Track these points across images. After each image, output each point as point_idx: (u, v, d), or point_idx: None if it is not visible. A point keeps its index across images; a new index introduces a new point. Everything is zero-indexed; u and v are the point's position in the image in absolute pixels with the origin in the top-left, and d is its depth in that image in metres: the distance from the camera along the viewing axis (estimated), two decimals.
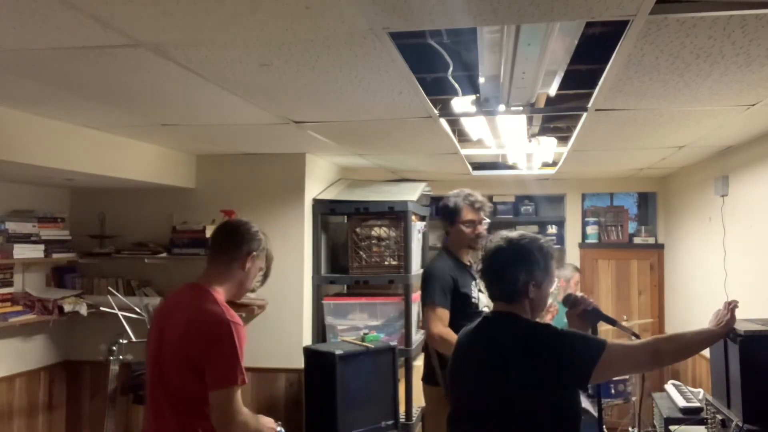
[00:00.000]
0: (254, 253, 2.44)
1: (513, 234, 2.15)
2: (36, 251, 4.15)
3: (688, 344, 2.18)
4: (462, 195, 3.34)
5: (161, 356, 2.32)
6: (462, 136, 4.01)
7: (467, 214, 3.31)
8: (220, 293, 2.36)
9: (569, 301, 2.31)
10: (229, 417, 2.18)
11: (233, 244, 2.43)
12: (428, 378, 3.32)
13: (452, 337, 3.01)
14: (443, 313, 3.11)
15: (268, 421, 2.41)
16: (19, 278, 4.26)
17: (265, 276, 2.58)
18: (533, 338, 2.01)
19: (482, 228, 3.34)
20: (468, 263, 3.36)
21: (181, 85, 2.62)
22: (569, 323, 2.35)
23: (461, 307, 3.16)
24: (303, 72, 2.41)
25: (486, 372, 2.06)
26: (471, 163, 5.13)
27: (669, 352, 2.11)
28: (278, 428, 2.46)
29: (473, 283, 3.27)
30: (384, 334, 4.30)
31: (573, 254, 6.50)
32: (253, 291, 2.56)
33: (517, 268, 2.06)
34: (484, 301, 3.28)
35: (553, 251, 2.14)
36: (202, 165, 4.67)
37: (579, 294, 2.37)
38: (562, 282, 5.63)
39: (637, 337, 2.29)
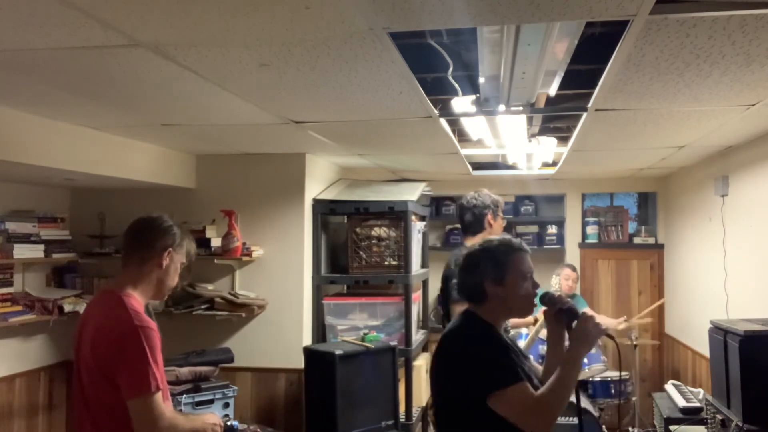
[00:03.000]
0: (171, 248, 2.32)
1: (471, 248, 2.31)
2: (36, 251, 4.15)
3: (565, 384, 2.03)
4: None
5: (79, 369, 2.25)
6: (462, 136, 4.01)
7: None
8: (134, 296, 2.24)
9: (545, 300, 2.30)
10: (151, 425, 2.11)
11: (145, 243, 2.31)
12: None
13: None
14: None
15: (208, 417, 2.35)
16: (19, 278, 4.26)
17: (188, 270, 2.45)
18: (458, 342, 2.14)
19: None
20: None
21: (180, 85, 2.62)
22: (546, 322, 2.32)
23: None
24: (303, 72, 2.41)
25: (434, 371, 2.21)
26: (471, 163, 5.13)
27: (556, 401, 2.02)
28: (230, 422, 2.41)
29: None
30: (384, 334, 4.30)
31: (573, 254, 6.49)
32: (176, 287, 2.43)
33: (465, 275, 2.23)
34: None
35: (511, 246, 2.19)
36: (202, 165, 4.67)
37: (556, 293, 2.38)
38: (562, 279, 5.65)
39: (612, 338, 2.28)
